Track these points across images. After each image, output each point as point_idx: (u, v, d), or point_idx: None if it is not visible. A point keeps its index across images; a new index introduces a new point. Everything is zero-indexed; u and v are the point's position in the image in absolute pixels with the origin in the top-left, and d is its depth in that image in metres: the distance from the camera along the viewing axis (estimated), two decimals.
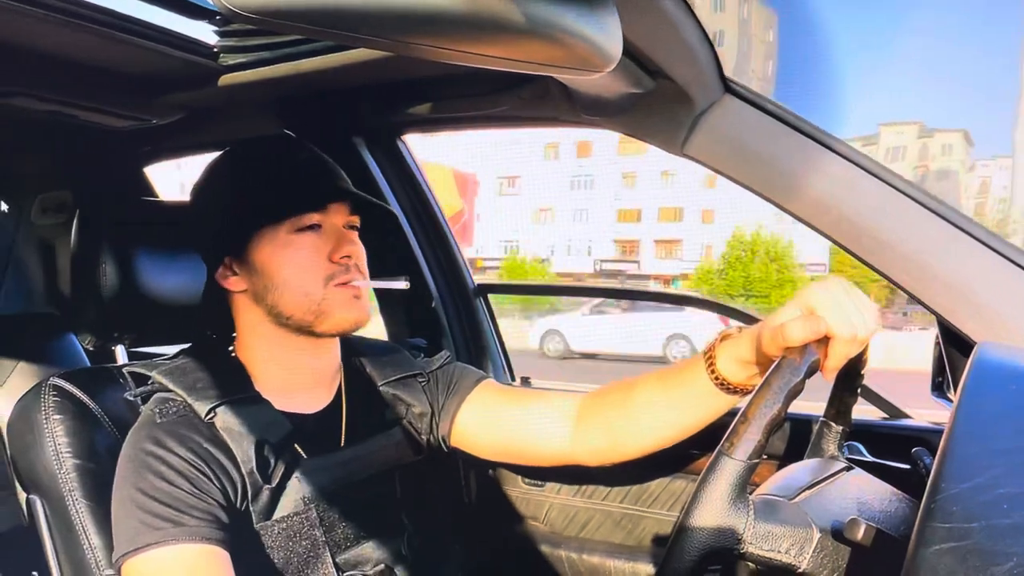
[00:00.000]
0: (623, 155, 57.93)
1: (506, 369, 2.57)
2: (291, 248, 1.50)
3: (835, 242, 1.53)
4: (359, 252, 1.56)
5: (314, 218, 1.52)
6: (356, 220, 1.60)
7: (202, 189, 1.61)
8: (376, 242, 1.63)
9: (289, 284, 1.50)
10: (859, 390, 1.49)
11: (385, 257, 1.59)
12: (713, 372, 1.44)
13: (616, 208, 60.03)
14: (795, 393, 1.16)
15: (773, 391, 1.15)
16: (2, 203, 2.98)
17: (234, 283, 1.55)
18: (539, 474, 2.24)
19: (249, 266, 1.52)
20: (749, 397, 1.17)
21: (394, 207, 2.35)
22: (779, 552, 1.12)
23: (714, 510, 1.11)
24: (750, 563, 1.14)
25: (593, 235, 59.13)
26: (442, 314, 2.47)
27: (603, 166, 60.30)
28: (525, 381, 2.45)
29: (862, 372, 1.44)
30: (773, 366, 1.20)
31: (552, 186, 61.48)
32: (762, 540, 1.12)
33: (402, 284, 1.58)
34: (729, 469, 1.11)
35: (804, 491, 1.24)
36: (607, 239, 59.73)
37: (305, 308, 1.51)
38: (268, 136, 1.94)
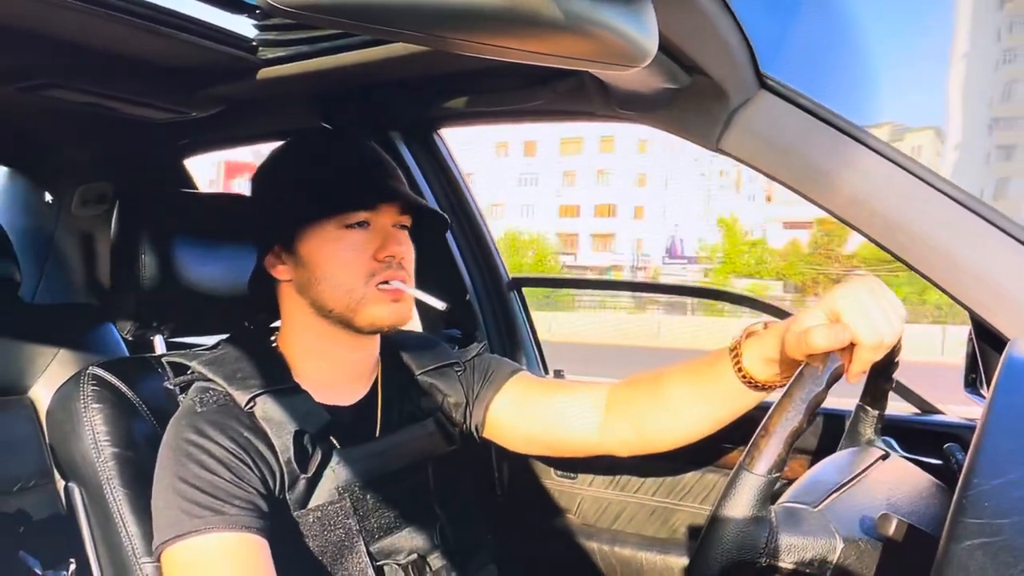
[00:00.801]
0: (565, 155, 63.51)
1: (539, 362, 2.58)
2: (338, 243, 1.52)
3: (869, 237, 1.52)
4: (405, 252, 1.57)
5: (363, 215, 1.53)
6: (406, 220, 1.60)
7: (262, 175, 1.63)
8: (419, 238, 1.63)
9: (332, 278, 1.51)
10: (893, 376, 1.48)
11: (421, 250, 1.59)
12: (740, 370, 1.43)
13: (558, 204, 64.93)
14: (817, 403, 1.16)
15: (795, 403, 1.14)
16: (47, 193, 3.00)
17: (281, 271, 1.57)
18: (572, 466, 2.24)
19: (296, 256, 1.54)
20: (771, 410, 1.16)
21: (429, 200, 2.35)
22: (803, 564, 1.12)
23: (736, 525, 1.11)
24: (776, 574, 1.14)
25: (539, 228, 63.12)
26: (476, 307, 2.48)
27: (547, 165, 64.96)
28: (558, 374, 2.45)
29: (896, 360, 1.43)
30: (795, 376, 1.19)
31: (503, 183, 65.60)
32: (785, 553, 1.11)
33: (440, 304, 1.59)
34: (750, 484, 1.11)
35: (830, 495, 1.23)
36: (551, 232, 64.22)
37: (345, 303, 1.52)
38: (325, 132, 1.95)
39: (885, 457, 1.42)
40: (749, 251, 60.14)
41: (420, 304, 1.69)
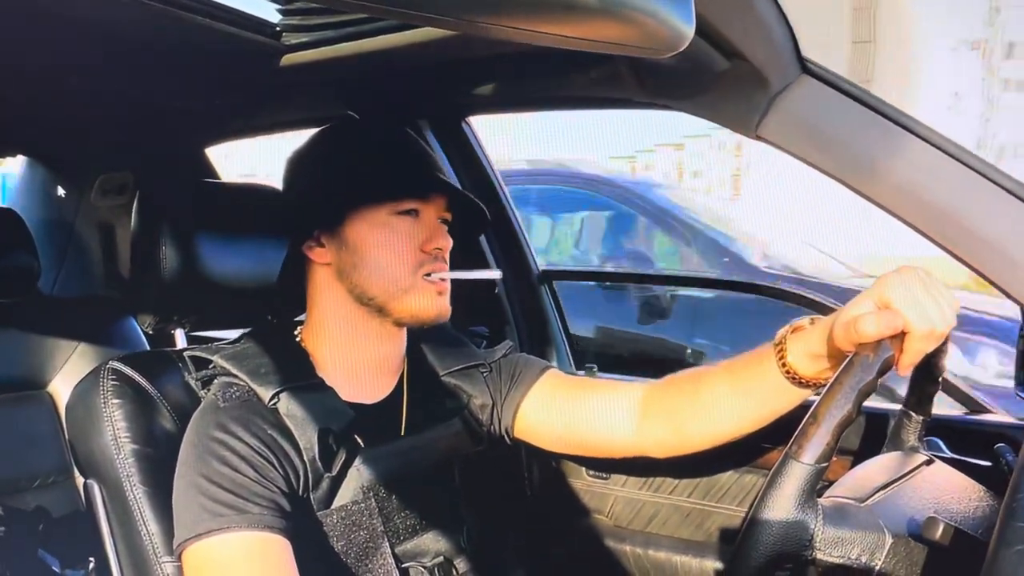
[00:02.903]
0: None
1: (570, 359, 2.54)
2: (387, 229, 1.52)
3: (916, 229, 1.48)
4: (448, 246, 1.57)
5: (415, 204, 1.54)
6: (449, 215, 1.60)
7: (303, 159, 1.63)
8: (457, 233, 1.62)
9: (379, 264, 1.51)
10: (940, 379, 1.45)
11: (455, 242, 1.59)
12: (784, 365, 1.40)
13: None
14: (867, 392, 1.13)
15: (844, 391, 1.12)
16: (59, 188, 2.99)
17: (321, 255, 1.56)
18: (604, 466, 2.21)
19: (340, 240, 1.53)
20: (819, 397, 1.13)
21: (452, 180, 2.34)
22: (849, 559, 1.10)
23: (781, 516, 1.08)
24: (820, 568, 1.11)
25: None
26: (505, 301, 2.45)
27: None
28: (590, 371, 2.42)
29: (943, 362, 1.40)
30: (845, 363, 1.17)
31: None
32: (831, 546, 1.10)
33: (495, 274, 1.59)
34: (797, 473, 1.09)
35: (877, 492, 1.21)
36: None
37: (390, 292, 1.52)
38: (378, 117, 1.95)
39: (930, 463, 1.40)
40: None
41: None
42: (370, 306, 1.54)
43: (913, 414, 1.48)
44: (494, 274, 1.58)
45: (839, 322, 1.27)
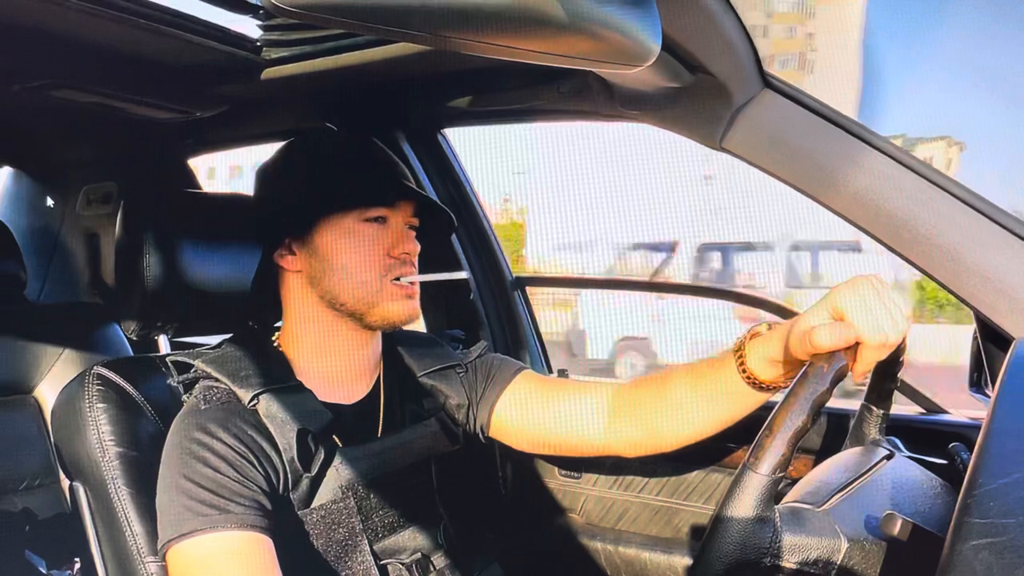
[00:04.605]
0: None
1: (543, 362, 2.58)
2: (355, 236, 1.54)
3: (873, 236, 1.52)
4: (415, 251, 1.60)
5: (382, 212, 1.57)
6: (416, 221, 1.63)
7: (272, 170, 1.65)
8: (424, 238, 1.64)
9: (347, 270, 1.54)
10: (898, 375, 1.48)
11: (425, 248, 1.61)
12: (744, 370, 1.44)
13: None
14: (821, 403, 1.15)
15: (799, 402, 1.14)
16: (48, 199, 3.01)
17: (292, 263, 1.58)
18: (576, 465, 2.24)
19: (310, 248, 1.56)
20: (775, 408, 1.16)
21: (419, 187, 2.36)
22: (807, 564, 1.12)
23: (740, 525, 1.11)
24: (780, 574, 1.14)
25: None
26: (480, 307, 2.48)
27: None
28: (562, 373, 2.45)
29: (901, 360, 1.43)
30: (799, 375, 1.19)
31: None
32: (789, 553, 1.11)
33: (462, 275, 1.61)
34: (755, 484, 1.11)
35: (835, 495, 1.23)
36: None
37: (359, 297, 1.54)
38: (344, 131, 1.97)
39: (890, 457, 1.42)
40: None
41: (424, 303, 1.70)
42: (342, 311, 1.57)
43: (874, 408, 1.51)
44: (461, 275, 1.61)
45: (795, 332, 1.30)
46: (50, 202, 3.01)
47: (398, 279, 1.56)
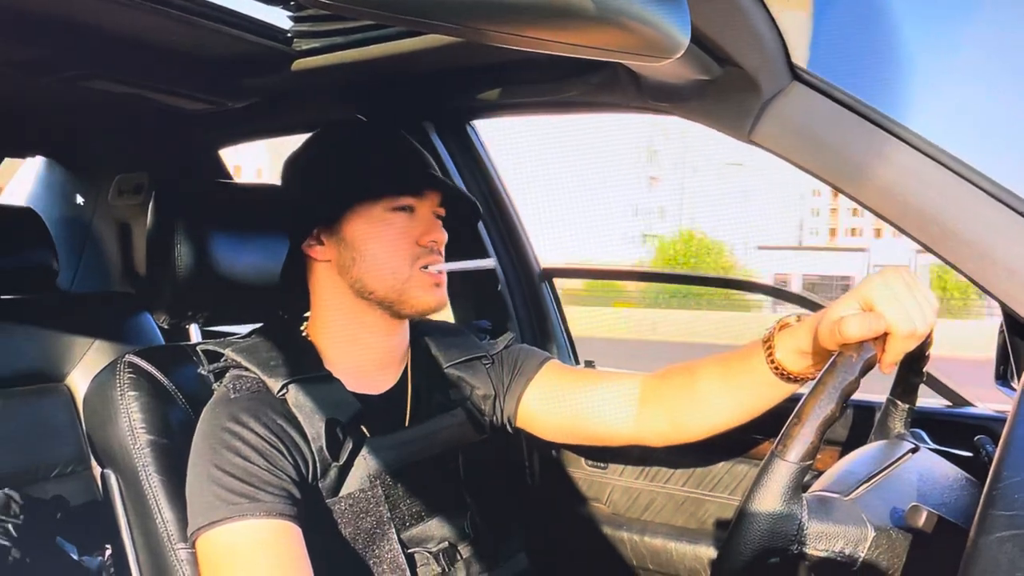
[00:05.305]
0: None
1: (571, 353, 2.58)
2: (383, 224, 1.54)
3: (900, 229, 1.51)
4: (444, 239, 1.60)
5: (410, 201, 1.57)
6: (443, 211, 1.63)
7: (301, 160, 1.66)
8: (451, 228, 1.65)
9: (377, 259, 1.54)
10: (924, 370, 1.48)
11: (453, 239, 1.61)
12: (772, 362, 1.44)
13: None
14: (850, 392, 1.15)
15: (827, 391, 1.14)
16: (79, 196, 3.04)
17: (321, 252, 1.59)
18: (602, 456, 2.25)
19: (339, 237, 1.56)
20: (804, 396, 1.16)
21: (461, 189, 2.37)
22: (834, 552, 1.12)
23: (768, 512, 1.11)
24: (806, 562, 1.14)
25: None
26: (508, 298, 2.49)
27: None
28: (589, 364, 2.45)
29: (927, 354, 1.43)
30: (828, 364, 1.19)
31: None
32: (816, 540, 1.11)
33: (489, 264, 1.61)
34: (782, 471, 1.11)
35: (861, 485, 1.23)
36: None
37: (389, 285, 1.55)
38: (371, 121, 1.98)
39: (915, 450, 1.42)
40: None
41: (451, 294, 1.70)
42: (371, 300, 1.57)
43: (899, 402, 1.51)
44: (488, 263, 1.61)
45: (824, 322, 1.30)
46: (80, 200, 3.03)
47: (426, 267, 1.56)
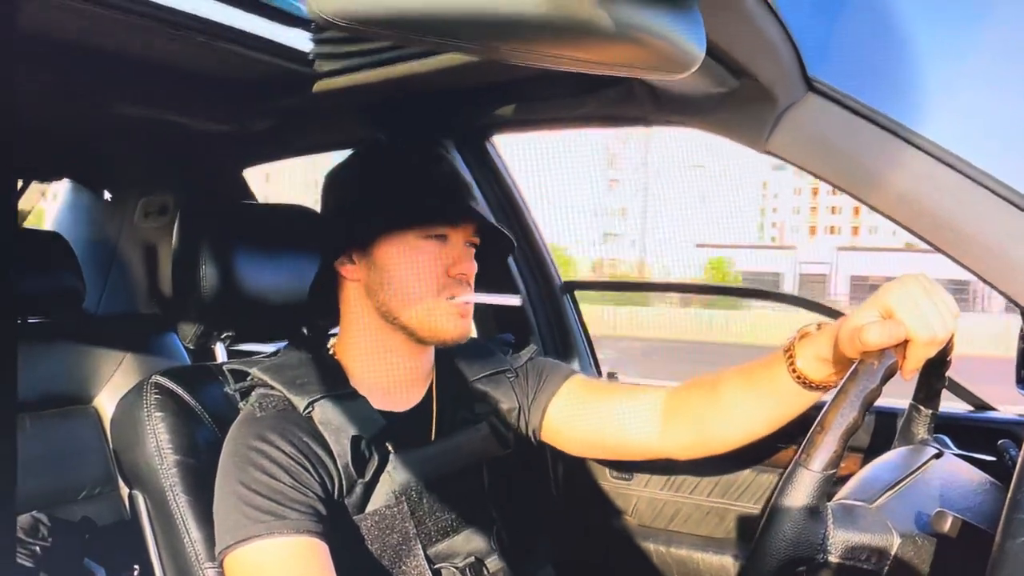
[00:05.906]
0: None
1: (593, 366, 2.58)
2: (415, 252, 1.54)
3: (917, 235, 1.51)
4: (472, 272, 1.60)
5: (443, 230, 1.56)
6: (477, 240, 1.63)
7: (341, 177, 1.66)
8: (483, 258, 1.66)
9: (405, 285, 1.54)
10: (946, 375, 1.48)
11: (482, 267, 1.62)
12: (794, 370, 1.44)
13: None
14: (872, 400, 1.16)
15: (850, 399, 1.15)
16: (103, 210, 3.06)
17: (351, 271, 1.59)
18: (627, 467, 2.25)
19: (370, 259, 1.56)
20: (826, 405, 1.16)
21: (482, 205, 2.37)
22: (859, 560, 1.12)
23: (793, 522, 1.12)
24: (832, 570, 1.14)
25: None
26: (530, 312, 2.50)
27: None
28: (612, 377, 2.46)
29: (948, 359, 1.43)
30: (849, 372, 1.20)
31: None
32: (842, 549, 1.12)
33: (515, 300, 1.61)
34: (806, 480, 1.12)
35: (886, 492, 1.23)
36: None
37: (412, 313, 1.55)
38: (415, 141, 2.01)
39: (939, 455, 1.42)
40: None
41: (474, 309, 1.71)
42: (395, 324, 1.57)
43: (922, 408, 1.51)
44: (514, 300, 1.60)
45: (844, 330, 1.31)
46: (105, 214, 3.05)
47: (453, 297, 1.56)
